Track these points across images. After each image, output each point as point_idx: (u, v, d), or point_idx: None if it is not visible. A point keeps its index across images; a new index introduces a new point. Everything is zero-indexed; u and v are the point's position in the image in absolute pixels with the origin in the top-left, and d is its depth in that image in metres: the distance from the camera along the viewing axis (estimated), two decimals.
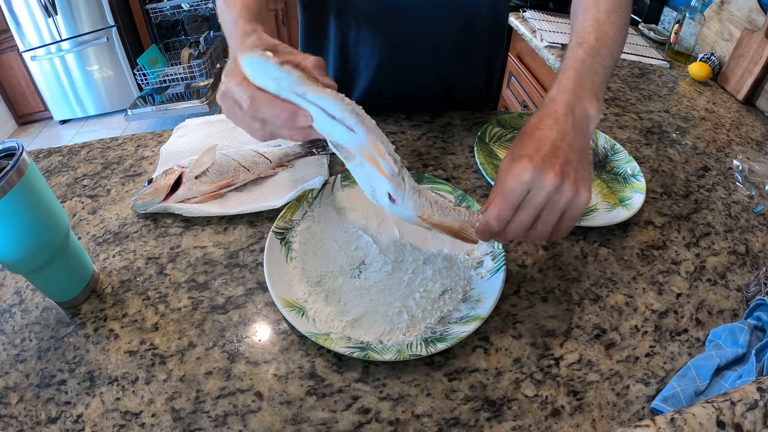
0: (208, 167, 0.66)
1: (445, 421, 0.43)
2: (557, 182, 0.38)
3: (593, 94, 0.44)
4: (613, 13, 0.51)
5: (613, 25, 0.50)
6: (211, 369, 0.47)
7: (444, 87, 0.84)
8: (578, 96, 0.43)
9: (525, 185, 0.39)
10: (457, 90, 0.85)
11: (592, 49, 0.47)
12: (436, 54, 0.78)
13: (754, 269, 0.59)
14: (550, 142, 0.40)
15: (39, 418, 0.43)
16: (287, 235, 0.58)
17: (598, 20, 0.50)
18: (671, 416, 0.30)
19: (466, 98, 0.88)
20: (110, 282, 0.55)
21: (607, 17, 0.51)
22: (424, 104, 0.84)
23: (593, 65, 0.46)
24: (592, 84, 0.45)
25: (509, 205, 0.40)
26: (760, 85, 1.02)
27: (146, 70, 2.82)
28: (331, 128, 0.41)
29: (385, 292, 0.52)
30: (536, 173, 0.38)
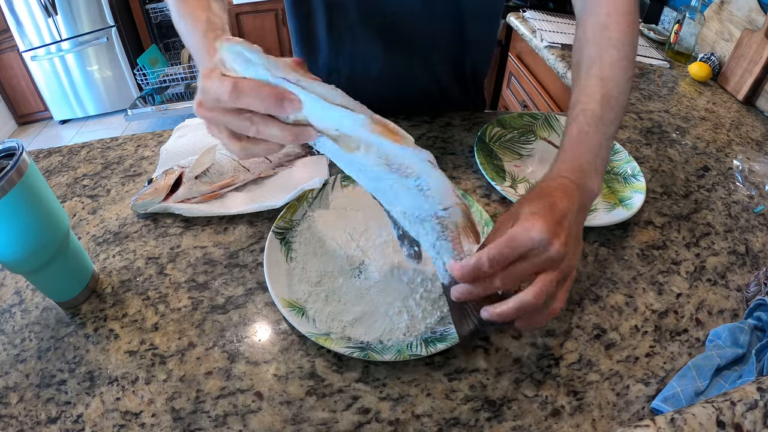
0: (208, 167, 0.66)
1: (445, 421, 0.43)
2: (562, 251, 0.37)
3: (598, 172, 0.45)
4: (616, 67, 0.50)
5: (617, 84, 0.49)
6: (211, 369, 0.47)
7: (440, 89, 0.84)
8: (585, 174, 0.44)
9: (532, 241, 0.37)
10: (451, 91, 0.86)
11: (598, 118, 0.47)
12: (429, 60, 0.79)
13: (754, 269, 0.59)
14: (560, 211, 0.40)
15: (39, 418, 0.43)
16: (287, 235, 0.58)
17: (603, 78, 0.50)
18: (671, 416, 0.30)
19: (462, 100, 0.88)
20: (110, 282, 0.55)
21: (612, 72, 0.50)
22: (422, 108, 0.84)
23: (598, 138, 0.47)
24: (597, 160, 0.46)
25: (511, 251, 0.37)
26: (760, 85, 1.02)
27: (146, 70, 2.82)
28: (329, 114, 0.36)
29: (385, 292, 0.52)
30: (548, 235, 0.37)
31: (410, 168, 0.38)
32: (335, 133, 0.37)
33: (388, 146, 0.37)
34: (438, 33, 0.75)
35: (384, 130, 0.36)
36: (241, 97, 0.35)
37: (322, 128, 0.37)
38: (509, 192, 0.65)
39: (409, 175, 0.38)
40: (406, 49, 0.76)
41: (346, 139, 0.37)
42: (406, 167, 0.38)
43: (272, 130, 0.36)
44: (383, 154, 0.37)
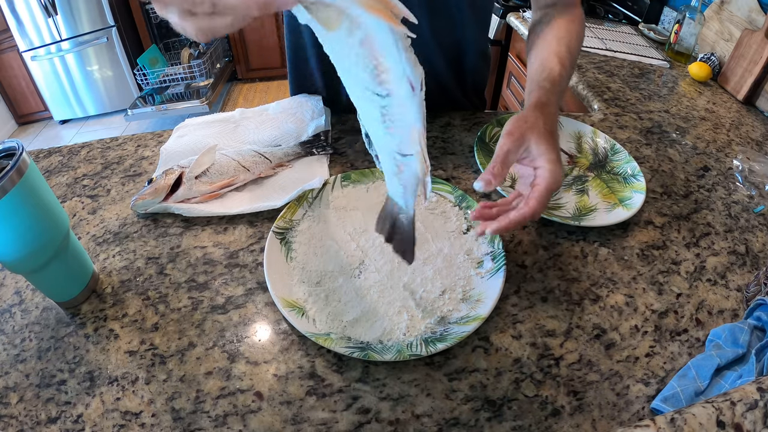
0: (208, 167, 0.66)
1: (445, 421, 0.43)
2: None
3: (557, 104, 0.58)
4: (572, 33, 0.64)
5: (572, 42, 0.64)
6: (211, 369, 0.47)
7: (440, 89, 0.84)
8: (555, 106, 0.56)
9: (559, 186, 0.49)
10: (452, 92, 0.86)
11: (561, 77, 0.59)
12: (429, 62, 0.79)
13: (754, 269, 0.59)
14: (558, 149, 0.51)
15: (39, 418, 0.43)
16: (287, 235, 0.58)
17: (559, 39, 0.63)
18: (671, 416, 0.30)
19: (462, 102, 0.89)
20: (110, 282, 0.55)
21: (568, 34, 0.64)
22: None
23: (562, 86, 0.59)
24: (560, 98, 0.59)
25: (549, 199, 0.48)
26: (760, 85, 1.02)
27: (146, 70, 2.82)
28: None
29: (385, 292, 0.52)
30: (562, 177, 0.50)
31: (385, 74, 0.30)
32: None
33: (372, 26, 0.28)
34: (438, 32, 0.75)
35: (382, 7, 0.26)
36: None
37: None
38: (509, 192, 0.65)
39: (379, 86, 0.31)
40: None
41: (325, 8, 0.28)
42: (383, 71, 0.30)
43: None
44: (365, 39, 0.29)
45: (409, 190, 0.40)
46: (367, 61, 0.30)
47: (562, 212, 0.64)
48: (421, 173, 0.36)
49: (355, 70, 0.31)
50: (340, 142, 0.77)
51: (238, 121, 0.80)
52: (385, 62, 0.29)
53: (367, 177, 0.67)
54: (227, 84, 3.38)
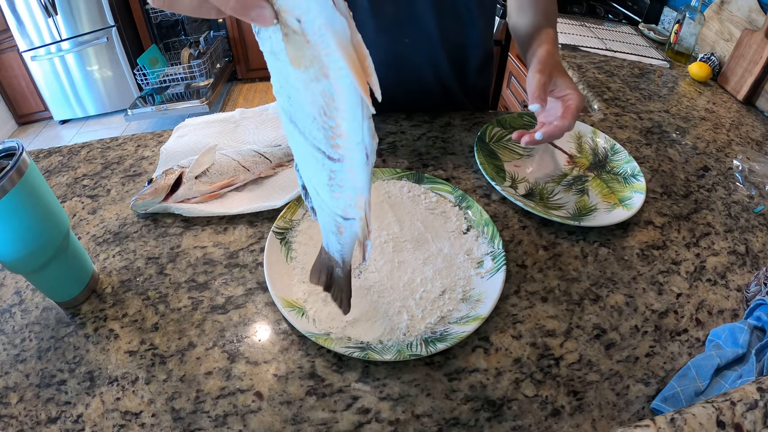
0: (208, 167, 0.66)
1: (445, 421, 0.43)
2: None
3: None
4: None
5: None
6: (211, 369, 0.47)
7: (443, 90, 0.84)
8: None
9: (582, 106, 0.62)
10: (454, 94, 0.86)
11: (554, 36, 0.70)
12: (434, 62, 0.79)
13: (754, 269, 0.59)
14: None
15: (39, 418, 0.43)
16: (287, 235, 0.58)
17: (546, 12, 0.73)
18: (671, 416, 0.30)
19: (462, 101, 0.89)
20: (110, 282, 0.55)
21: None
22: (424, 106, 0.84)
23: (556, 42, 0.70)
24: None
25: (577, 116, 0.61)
26: (760, 85, 1.02)
27: (146, 70, 2.82)
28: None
29: (385, 292, 0.52)
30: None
31: (341, 140, 0.28)
32: (294, 24, 0.25)
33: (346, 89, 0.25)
34: (446, 32, 0.76)
35: (356, 61, 0.24)
36: None
37: (280, 7, 0.25)
38: (509, 192, 0.65)
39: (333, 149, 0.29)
40: (415, 44, 0.77)
41: (301, 43, 0.25)
42: (339, 136, 0.28)
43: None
44: (329, 95, 0.26)
45: (346, 248, 0.39)
46: (324, 118, 0.28)
47: (562, 212, 0.64)
48: (362, 236, 0.35)
49: (307, 124, 0.29)
50: None
51: (238, 121, 0.80)
52: (343, 125, 0.27)
53: None
54: (227, 84, 3.38)
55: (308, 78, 0.26)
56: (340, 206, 0.33)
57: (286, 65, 0.27)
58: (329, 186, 0.32)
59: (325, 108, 0.27)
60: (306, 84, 0.27)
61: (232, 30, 3.16)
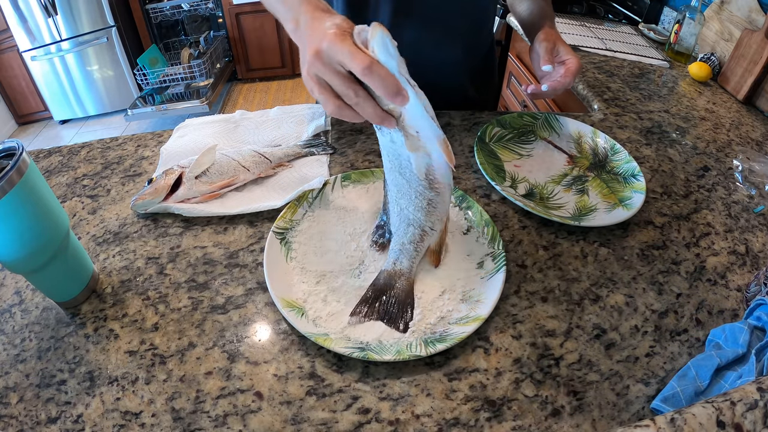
0: (208, 167, 0.66)
1: (445, 421, 0.43)
2: None
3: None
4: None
5: None
6: (211, 369, 0.47)
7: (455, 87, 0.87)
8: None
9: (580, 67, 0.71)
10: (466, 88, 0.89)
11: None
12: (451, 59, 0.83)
13: (754, 269, 0.59)
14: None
15: (39, 418, 0.43)
16: (287, 235, 0.58)
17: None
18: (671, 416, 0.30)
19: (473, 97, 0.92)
20: (110, 282, 0.55)
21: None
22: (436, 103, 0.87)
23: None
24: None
25: (575, 77, 0.72)
26: (760, 85, 1.02)
27: (146, 70, 2.82)
28: (421, 118, 0.43)
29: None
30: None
31: (438, 186, 0.48)
32: (413, 132, 0.44)
33: (440, 163, 0.46)
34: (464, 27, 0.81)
35: (447, 150, 0.44)
36: (371, 77, 0.39)
37: (406, 124, 0.44)
38: (509, 192, 0.65)
39: (432, 189, 0.48)
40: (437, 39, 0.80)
41: (415, 141, 0.45)
42: (437, 184, 0.48)
43: (368, 107, 0.42)
44: (429, 166, 0.46)
45: (419, 255, 0.53)
46: (426, 176, 0.47)
47: (562, 212, 0.64)
48: (437, 246, 0.54)
49: (414, 178, 0.48)
50: (340, 142, 0.77)
51: (238, 122, 0.80)
52: (439, 179, 0.48)
53: (367, 177, 0.67)
54: (227, 84, 3.38)
55: (418, 156, 0.46)
56: (431, 221, 0.51)
57: (401, 147, 0.46)
58: (425, 209, 0.50)
59: (428, 171, 0.47)
60: (416, 159, 0.46)
61: (232, 30, 3.16)
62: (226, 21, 3.14)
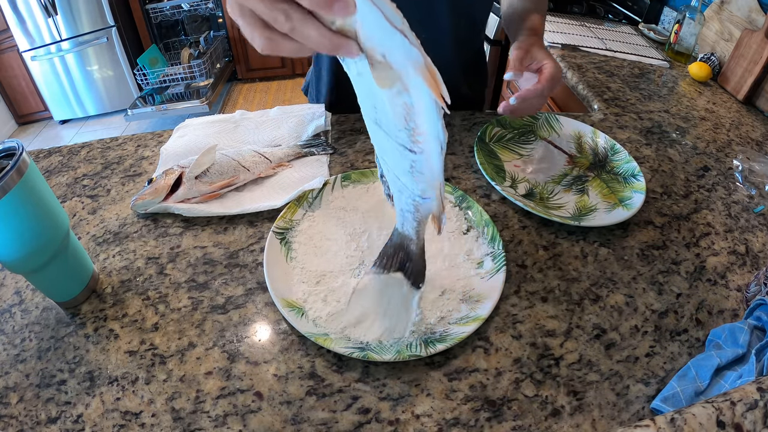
0: (208, 167, 0.66)
1: (445, 421, 0.43)
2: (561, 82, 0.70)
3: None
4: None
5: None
6: (211, 369, 0.47)
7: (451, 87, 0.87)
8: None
9: (560, 75, 0.66)
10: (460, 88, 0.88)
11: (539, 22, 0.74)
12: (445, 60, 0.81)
13: (754, 269, 0.59)
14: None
15: (39, 418, 0.43)
16: (287, 235, 0.58)
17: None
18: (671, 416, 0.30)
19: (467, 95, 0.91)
20: (110, 282, 0.55)
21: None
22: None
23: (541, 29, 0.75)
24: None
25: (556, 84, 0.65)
26: (760, 85, 1.02)
27: (146, 70, 2.82)
28: (384, 34, 0.30)
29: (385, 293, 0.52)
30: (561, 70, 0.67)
31: (421, 137, 0.35)
32: (379, 58, 0.31)
33: (424, 99, 0.32)
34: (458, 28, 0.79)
35: (432, 77, 0.31)
36: None
37: (367, 47, 0.31)
38: (509, 192, 0.65)
39: (414, 144, 0.35)
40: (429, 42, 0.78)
41: (385, 69, 0.32)
42: (419, 134, 0.34)
43: (309, 30, 0.31)
44: (410, 105, 0.33)
45: (422, 225, 0.46)
46: (405, 123, 0.34)
47: (562, 212, 0.64)
48: (437, 212, 0.42)
49: (391, 127, 0.36)
50: (340, 142, 0.77)
51: (238, 122, 0.80)
52: (423, 126, 0.34)
53: (367, 177, 0.67)
54: (227, 84, 3.38)
55: (392, 93, 0.33)
56: (420, 188, 0.40)
57: (371, 83, 0.33)
58: (411, 173, 0.38)
59: (407, 115, 0.34)
60: (390, 98, 0.33)
61: (232, 30, 3.16)
62: (226, 21, 3.14)
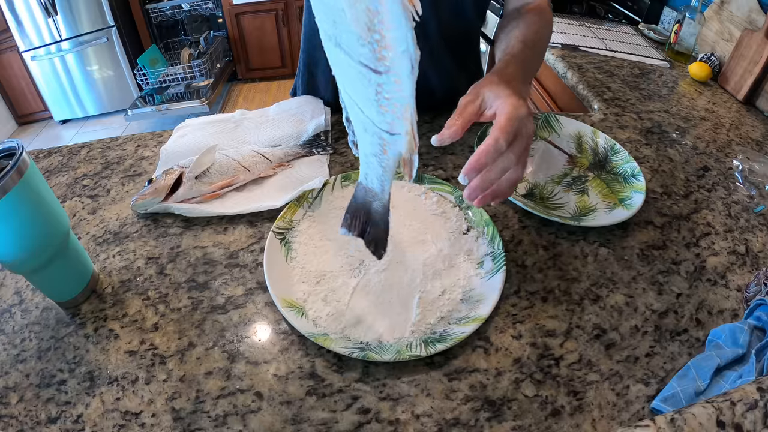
0: (208, 167, 0.66)
1: (445, 421, 0.43)
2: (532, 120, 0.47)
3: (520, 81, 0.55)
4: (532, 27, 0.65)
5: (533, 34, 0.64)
6: (211, 369, 0.47)
7: (445, 88, 0.85)
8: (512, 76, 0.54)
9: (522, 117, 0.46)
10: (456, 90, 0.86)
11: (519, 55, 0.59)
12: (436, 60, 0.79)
13: (754, 269, 0.59)
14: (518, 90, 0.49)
15: (39, 418, 0.43)
16: (287, 235, 0.58)
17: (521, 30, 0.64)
18: (671, 416, 0.30)
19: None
20: (110, 282, 0.55)
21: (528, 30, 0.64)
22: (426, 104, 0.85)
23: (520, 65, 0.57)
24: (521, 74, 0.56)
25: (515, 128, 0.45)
26: (760, 85, 1.02)
27: (146, 70, 2.82)
28: None
29: (385, 293, 0.52)
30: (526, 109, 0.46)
31: (387, 51, 0.29)
32: None
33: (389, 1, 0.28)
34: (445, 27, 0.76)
35: None
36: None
37: None
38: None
39: (379, 62, 0.30)
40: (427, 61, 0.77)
41: None
42: (385, 47, 0.29)
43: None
44: (374, 10, 0.28)
45: (388, 172, 0.39)
46: (369, 33, 0.29)
47: (562, 212, 0.64)
48: (408, 152, 0.36)
49: (353, 43, 0.30)
50: (340, 142, 0.77)
51: (238, 122, 0.80)
52: (389, 36, 0.28)
53: None
54: (227, 84, 3.37)
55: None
56: (387, 120, 0.34)
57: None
58: (376, 101, 0.33)
59: (370, 23, 0.28)
60: (351, 4, 0.28)
61: (232, 30, 3.16)
62: (226, 21, 3.13)
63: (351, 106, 0.38)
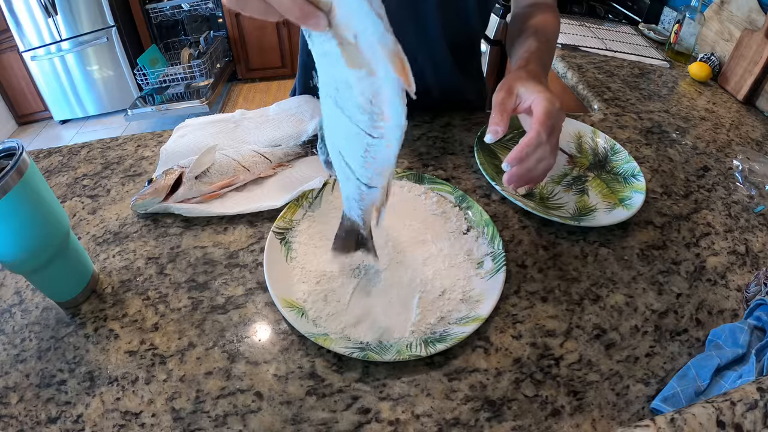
0: (208, 167, 0.66)
1: (445, 421, 0.43)
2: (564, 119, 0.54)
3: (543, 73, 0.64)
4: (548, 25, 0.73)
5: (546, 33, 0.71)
6: (211, 369, 0.47)
7: (443, 88, 0.84)
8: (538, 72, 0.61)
9: (557, 110, 0.52)
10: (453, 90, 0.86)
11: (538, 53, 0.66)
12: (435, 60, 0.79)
13: (754, 269, 0.59)
14: (546, 84, 0.56)
15: (39, 418, 0.43)
16: (287, 235, 0.58)
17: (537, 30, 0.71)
18: (671, 416, 0.30)
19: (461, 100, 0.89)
20: (110, 282, 0.55)
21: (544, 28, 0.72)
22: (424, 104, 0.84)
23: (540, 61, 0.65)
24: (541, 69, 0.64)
25: (554, 121, 0.51)
26: (760, 85, 1.02)
27: (146, 70, 2.82)
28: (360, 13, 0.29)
29: (385, 293, 0.52)
30: (559, 102, 0.53)
31: (383, 123, 0.33)
32: (350, 38, 0.30)
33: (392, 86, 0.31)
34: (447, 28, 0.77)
35: (401, 64, 0.30)
36: None
37: (338, 23, 0.30)
38: (509, 192, 0.65)
39: (374, 129, 0.34)
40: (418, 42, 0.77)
41: (354, 51, 0.31)
42: (382, 120, 0.33)
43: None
44: (375, 90, 0.32)
45: (366, 213, 0.45)
46: (369, 106, 0.33)
47: (562, 212, 0.64)
48: (379, 203, 0.41)
49: (353, 110, 0.34)
50: None
51: (238, 122, 0.80)
52: (387, 111, 0.33)
53: None
54: (227, 84, 3.38)
55: (359, 76, 0.32)
56: (368, 175, 0.39)
57: (336, 63, 0.32)
58: (363, 157, 0.37)
59: (373, 98, 0.32)
60: (358, 80, 0.32)
61: (232, 30, 3.16)
62: (226, 21, 3.14)
63: (335, 155, 0.42)
